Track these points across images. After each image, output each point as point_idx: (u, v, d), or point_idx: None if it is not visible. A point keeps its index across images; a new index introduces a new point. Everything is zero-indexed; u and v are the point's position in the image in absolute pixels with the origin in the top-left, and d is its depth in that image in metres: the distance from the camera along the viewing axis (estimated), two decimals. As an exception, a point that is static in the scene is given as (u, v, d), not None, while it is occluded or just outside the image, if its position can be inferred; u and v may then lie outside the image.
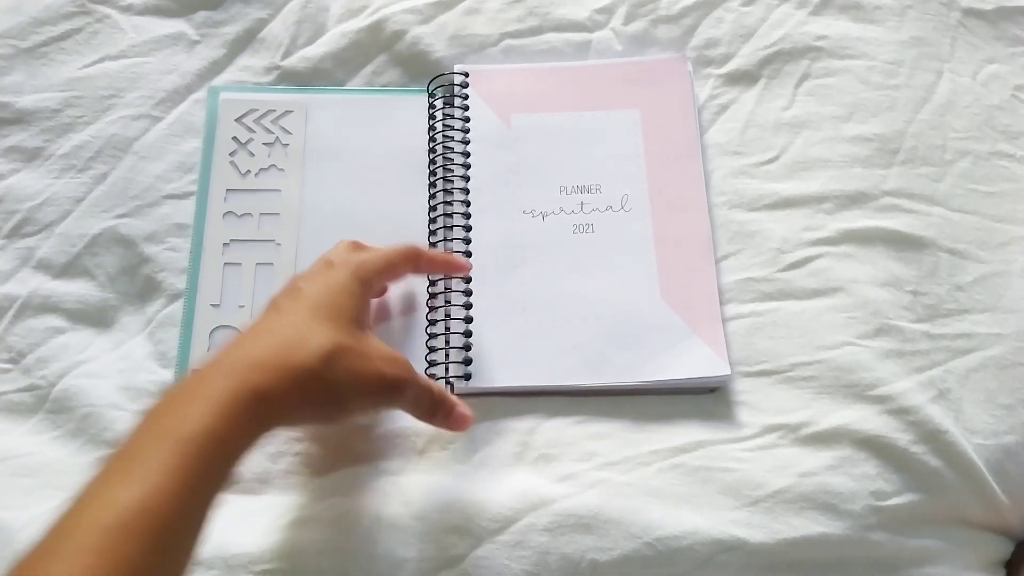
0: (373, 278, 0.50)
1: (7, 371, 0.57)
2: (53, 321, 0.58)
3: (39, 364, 0.57)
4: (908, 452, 0.53)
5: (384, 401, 0.48)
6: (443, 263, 0.57)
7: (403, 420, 0.55)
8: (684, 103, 0.63)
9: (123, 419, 0.55)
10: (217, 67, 0.66)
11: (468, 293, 0.57)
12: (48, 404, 0.56)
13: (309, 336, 0.44)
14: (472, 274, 0.58)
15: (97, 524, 0.36)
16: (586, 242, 0.59)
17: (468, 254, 0.58)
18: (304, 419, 0.47)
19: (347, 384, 0.45)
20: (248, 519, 0.51)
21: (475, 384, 0.55)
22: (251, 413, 0.41)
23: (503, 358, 0.56)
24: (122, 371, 0.56)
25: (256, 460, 0.54)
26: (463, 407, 0.51)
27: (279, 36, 0.67)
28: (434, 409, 0.50)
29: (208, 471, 0.39)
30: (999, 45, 0.67)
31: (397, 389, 0.47)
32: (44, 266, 0.59)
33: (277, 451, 0.54)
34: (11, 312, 0.58)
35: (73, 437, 0.55)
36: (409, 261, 0.53)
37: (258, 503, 0.53)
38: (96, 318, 0.58)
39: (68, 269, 0.59)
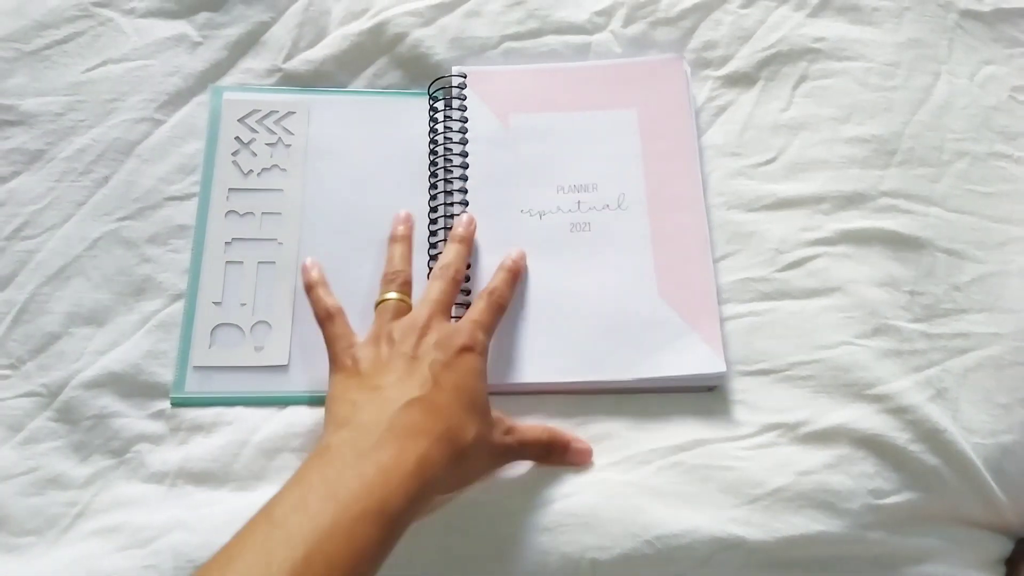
0: None
1: (7, 377, 0.57)
2: (52, 326, 0.58)
3: (40, 371, 0.57)
4: (906, 451, 0.53)
5: (502, 466, 0.53)
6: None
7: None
8: (681, 102, 0.64)
9: (128, 426, 0.55)
10: (219, 69, 0.66)
11: (467, 292, 0.58)
12: (49, 413, 0.56)
13: (465, 425, 0.48)
14: (470, 273, 0.58)
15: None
16: (583, 241, 0.60)
17: (467, 253, 0.58)
18: (445, 491, 0.50)
19: (482, 463, 0.50)
20: (243, 520, 0.51)
21: (474, 383, 0.55)
22: (430, 486, 0.45)
23: (502, 357, 0.56)
24: (121, 373, 0.56)
25: (252, 456, 0.54)
26: (579, 442, 0.54)
27: (281, 39, 0.67)
28: (548, 454, 0.53)
29: (397, 538, 0.43)
30: (996, 47, 0.67)
31: (513, 455, 0.53)
32: (43, 269, 0.59)
33: (273, 447, 0.55)
34: (9, 317, 0.58)
35: (77, 450, 0.55)
36: None
37: (253, 500, 0.52)
38: (96, 320, 0.58)
39: (67, 272, 0.59)
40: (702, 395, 0.56)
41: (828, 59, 0.65)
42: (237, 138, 0.63)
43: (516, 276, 0.57)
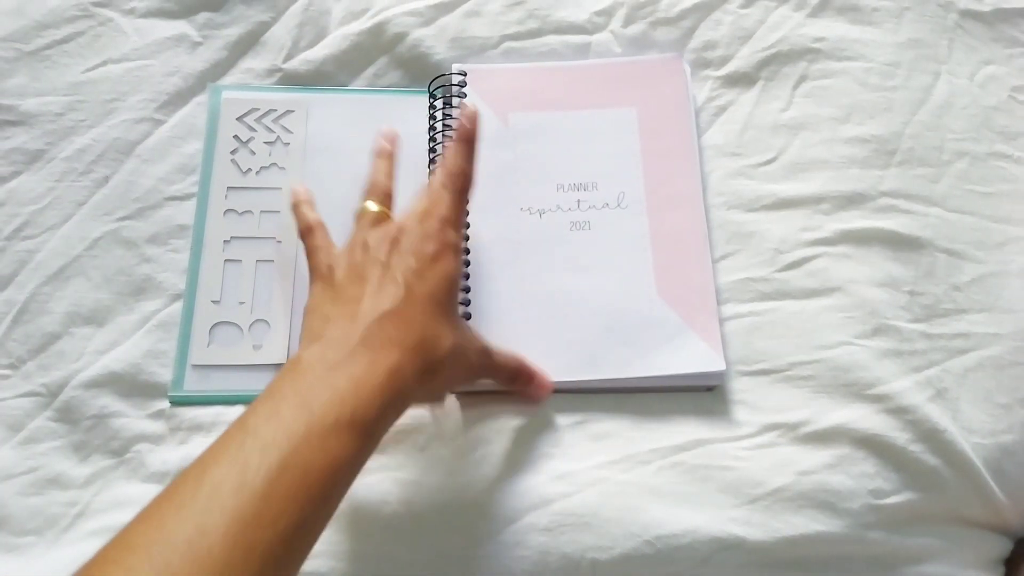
0: None
1: (7, 377, 0.57)
2: (52, 326, 0.58)
3: (40, 371, 0.57)
4: (906, 451, 0.53)
5: (472, 381, 0.53)
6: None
7: (405, 416, 0.55)
8: (680, 101, 0.64)
9: (128, 426, 0.55)
10: (219, 69, 0.66)
11: (466, 290, 0.58)
12: (49, 413, 0.56)
13: (440, 335, 0.47)
14: (470, 271, 0.58)
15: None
16: (583, 239, 0.60)
17: (467, 251, 0.58)
18: (418, 402, 0.51)
19: (454, 377, 0.50)
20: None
21: (473, 382, 0.55)
22: (402, 397, 0.45)
23: (501, 355, 0.56)
24: (121, 373, 0.56)
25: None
26: (542, 378, 0.55)
27: (281, 39, 0.67)
28: (513, 380, 0.54)
29: (371, 450, 0.43)
30: (996, 47, 0.67)
31: (484, 373, 0.52)
32: (43, 269, 0.59)
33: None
34: (9, 317, 0.58)
35: (77, 450, 0.55)
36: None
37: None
38: (96, 320, 0.58)
39: (67, 272, 0.59)
40: (702, 395, 0.56)
41: (828, 59, 0.65)
42: (236, 137, 0.63)
43: (471, 144, 0.53)
